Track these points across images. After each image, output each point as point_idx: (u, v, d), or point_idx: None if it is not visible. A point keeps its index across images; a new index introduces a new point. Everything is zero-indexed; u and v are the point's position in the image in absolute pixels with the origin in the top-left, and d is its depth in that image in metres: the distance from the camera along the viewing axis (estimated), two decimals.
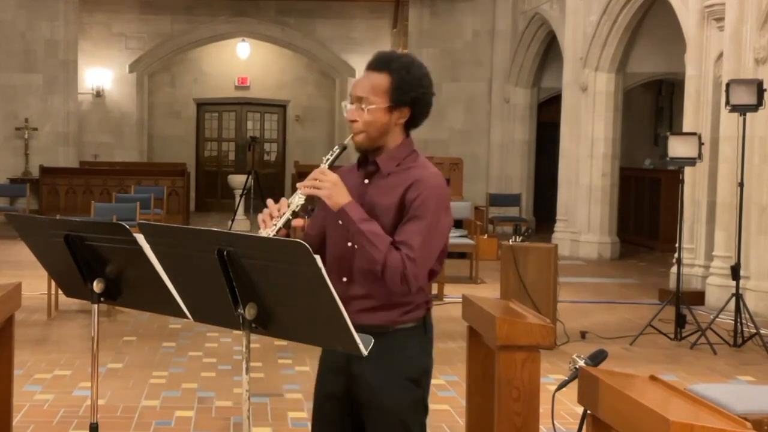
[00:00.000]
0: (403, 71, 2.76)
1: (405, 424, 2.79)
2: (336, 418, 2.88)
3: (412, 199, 2.72)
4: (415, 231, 2.70)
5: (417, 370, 2.83)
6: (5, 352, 4.16)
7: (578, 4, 13.71)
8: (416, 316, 2.82)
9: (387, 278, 2.68)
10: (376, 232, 2.68)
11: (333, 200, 2.69)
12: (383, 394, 2.77)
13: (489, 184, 17.36)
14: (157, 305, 2.81)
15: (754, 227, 8.99)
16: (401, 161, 2.81)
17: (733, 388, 4.55)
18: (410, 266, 2.66)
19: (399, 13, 19.09)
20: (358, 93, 2.77)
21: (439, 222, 2.76)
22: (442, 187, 2.79)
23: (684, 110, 10.73)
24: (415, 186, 2.73)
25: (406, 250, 2.67)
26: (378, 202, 2.76)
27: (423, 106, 2.82)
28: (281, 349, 6.96)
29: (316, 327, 2.43)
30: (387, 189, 2.77)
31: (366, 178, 2.83)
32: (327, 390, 2.89)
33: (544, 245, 7.68)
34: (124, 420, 5.29)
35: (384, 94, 2.75)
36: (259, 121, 21.87)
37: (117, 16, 19.47)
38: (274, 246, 2.35)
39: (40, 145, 17.56)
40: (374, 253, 2.66)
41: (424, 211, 2.71)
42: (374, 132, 2.77)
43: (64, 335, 7.55)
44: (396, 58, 2.78)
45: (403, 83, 2.75)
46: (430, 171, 2.79)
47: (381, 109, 2.75)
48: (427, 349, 2.87)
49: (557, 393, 3.35)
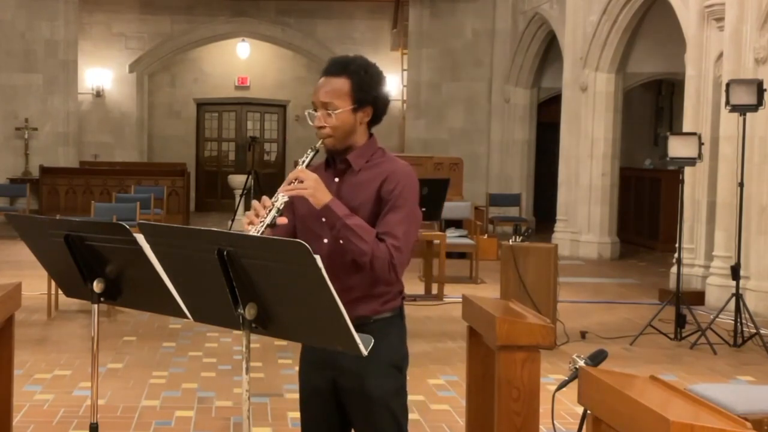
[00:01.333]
0: (362, 71, 2.88)
1: (392, 410, 2.90)
2: (324, 412, 2.97)
3: (390, 190, 2.85)
4: (397, 221, 2.83)
5: (399, 357, 2.96)
6: (5, 352, 4.16)
7: (578, 4, 13.71)
8: (394, 306, 2.94)
9: (376, 268, 2.79)
10: (362, 225, 2.79)
11: (317, 198, 2.78)
12: (369, 382, 2.86)
13: (489, 184, 17.36)
14: (157, 305, 2.81)
15: (754, 227, 8.99)
16: (370, 158, 2.93)
17: (733, 388, 4.55)
18: (396, 255, 2.80)
19: (399, 13, 19.09)
20: (322, 99, 2.88)
21: (415, 210, 2.91)
22: (414, 178, 2.94)
23: (684, 110, 10.73)
24: (390, 178, 2.87)
25: (391, 239, 2.80)
26: (353, 198, 2.87)
27: (383, 103, 2.94)
28: (281, 349, 6.96)
29: (316, 327, 2.44)
30: (360, 184, 2.89)
31: (336, 177, 2.93)
32: (312, 385, 2.98)
33: (544, 245, 7.68)
34: (124, 420, 5.30)
35: (347, 97, 2.86)
36: (259, 121, 21.88)
37: (117, 16, 19.47)
38: (274, 246, 2.35)
39: (40, 145, 17.56)
40: (362, 245, 2.77)
41: (402, 201, 2.85)
42: (342, 134, 2.88)
43: (64, 335, 7.55)
44: (351, 61, 2.91)
45: (362, 83, 2.87)
46: (401, 164, 2.94)
47: (346, 111, 2.87)
48: (404, 337, 3.01)
49: (557, 393, 3.35)
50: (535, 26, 16.28)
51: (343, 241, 2.78)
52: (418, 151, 16.55)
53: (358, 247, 2.77)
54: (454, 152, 16.38)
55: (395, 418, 2.91)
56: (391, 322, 2.93)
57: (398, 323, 2.96)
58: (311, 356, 2.97)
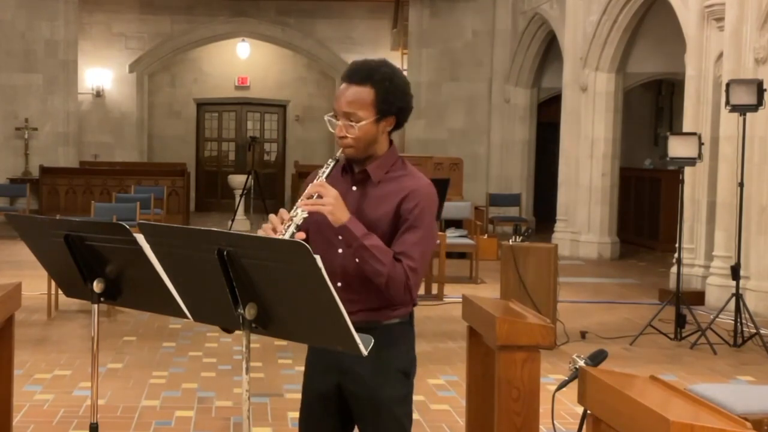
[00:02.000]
0: (387, 82, 2.78)
1: (398, 416, 2.88)
2: (326, 417, 2.95)
3: (410, 209, 2.79)
4: (414, 241, 2.77)
5: (407, 363, 2.93)
6: (5, 352, 4.16)
7: (578, 4, 13.71)
8: (405, 312, 2.91)
9: (391, 289, 2.75)
10: (379, 246, 2.74)
11: (335, 216, 2.72)
12: (377, 387, 2.84)
13: (489, 184, 17.36)
14: (157, 305, 2.81)
15: (754, 227, 8.99)
16: (389, 169, 2.86)
17: (733, 388, 4.55)
18: (412, 276, 2.76)
19: (399, 13, 19.09)
20: (345, 109, 2.78)
21: (432, 230, 2.86)
22: (434, 197, 2.87)
23: (684, 110, 10.73)
24: (411, 196, 2.80)
25: (408, 261, 2.75)
26: (372, 211, 2.82)
27: (407, 112, 2.88)
28: (281, 349, 6.96)
29: (316, 327, 2.43)
30: (379, 198, 2.83)
31: (354, 185, 2.87)
32: (316, 390, 2.95)
33: (544, 245, 7.68)
34: (124, 420, 5.29)
35: (370, 107, 2.77)
36: (259, 121, 21.87)
37: (117, 16, 19.47)
38: (274, 246, 2.35)
39: (40, 145, 17.56)
40: (378, 266, 2.72)
41: (421, 222, 2.79)
42: (364, 145, 2.81)
43: (64, 335, 7.55)
44: (376, 69, 2.79)
45: (388, 94, 2.78)
46: (423, 181, 2.86)
47: (369, 123, 2.78)
48: (413, 343, 2.99)
49: (557, 393, 3.35)
50: (535, 26, 16.28)
51: (360, 261, 2.74)
52: (418, 151, 16.54)
53: (374, 268, 2.72)
54: (454, 152, 16.38)
55: (401, 424, 2.88)
56: (401, 328, 2.90)
57: (408, 329, 2.93)
58: (318, 360, 2.95)
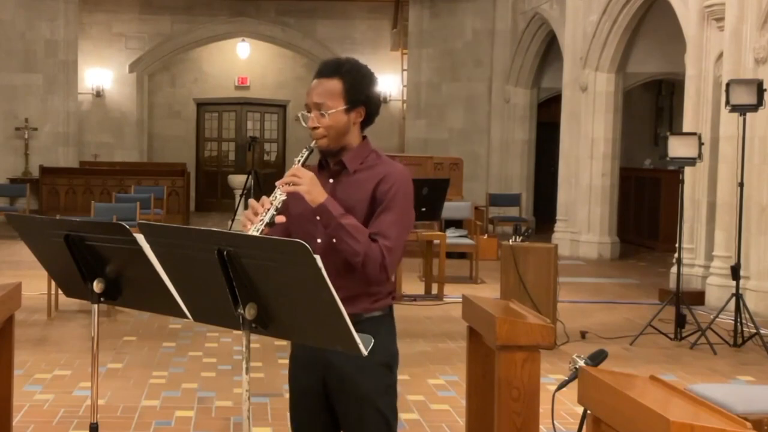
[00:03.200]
0: (354, 72, 2.91)
1: (380, 409, 2.90)
2: (314, 412, 2.97)
3: (385, 191, 2.87)
4: (390, 221, 2.85)
5: (389, 356, 2.95)
6: (5, 352, 4.16)
7: (578, 4, 13.72)
8: (384, 305, 2.95)
9: (367, 268, 2.81)
10: (356, 225, 2.81)
11: (312, 196, 2.79)
12: (358, 381, 2.87)
13: (489, 184, 17.36)
14: (157, 305, 2.81)
15: (754, 227, 8.99)
16: (364, 159, 2.95)
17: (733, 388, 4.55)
18: (388, 256, 2.82)
19: (399, 13, 19.10)
20: (315, 100, 2.92)
21: (409, 212, 2.92)
22: (410, 181, 2.96)
23: (684, 110, 10.73)
24: (386, 179, 2.89)
25: (383, 240, 2.82)
26: (348, 197, 2.89)
27: (375, 103, 2.97)
28: (281, 349, 6.96)
29: (316, 327, 2.44)
30: (356, 185, 2.91)
31: (330, 178, 2.95)
32: (302, 385, 2.98)
33: (544, 245, 7.68)
34: (124, 420, 5.29)
35: (339, 97, 2.89)
36: (259, 121, 21.87)
37: (117, 16, 19.48)
38: (274, 246, 2.35)
39: (40, 145, 17.56)
40: (355, 245, 2.79)
41: (396, 203, 2.87)
42: (335, 134, 2.90)
43: (64, 335, 7.55)
44: (344, 63, 2.94)
45: (355, 83, 2.90)
46: (397, 166, 2.96)
47: (339, 111, 2.89)
48: (394, 335, 3.02)
49: (557, 393, 3.35)
50: (535, 26, 16.28)
51: (336, 240, 2.80)
52: (418, 151, 16.55)
53: (351, 247, 2.78)
54: (454, 152, 16.38)
55: (384, 417, 2.91)
56: (381, 321, 2.93)
57: (388, 322, 2.97)
58: (300, 356, 2.99)
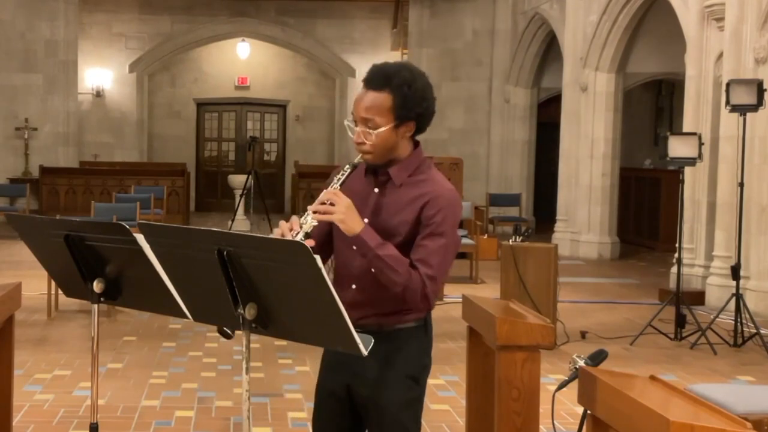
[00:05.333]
0: (405, 87, 2.71)
1: (402, 422, 2.83)
2: (336, 417, 2.92)
3: (431, 215, 2.72)
4: (434, 249, 2.71)
5: (417, 368, 2.86)
6: (5, 352, 4.16)
7: (578, 4, 13.71)
8: (418, 317, 2.84)
9: (407, 298, 2.70)
10: (395, 255, 2.68)
11: (347, 225, 2.66)
12: (384, 391, 2.80)
13: (489, 184, 17.36)
14: (157, 305, 2.81)
15: (754, 227, 8.99)
16: (413, 171, 2.80)
17: (733, 388, 4.54)
18: (430, 285, 2.69)
19: (399, 13, 19.09)
20: (363, 114, 2.73)
21: (454, 239, 2.77)
22: (458, 204, 2.80)
23: (684, 110, 10.73)
24: (433, 203, 2.73)
25: (425, 269, 2.69)
26: (391, 216, 2.77)
27: (428, 116, 2.80)
28: (281, 349, 6.96)
29: (316, 327, 2.43)
30: (400, 203, 2.77)
31: (376, 187, 2.82)
32: (328, 388, 2.92)
33: (544, 245, 7.68)
34: (124, 420, 5.29)
35: (389, 114, 2.72)
36: (259, 121, 21.87)
37: (117, 16, 19.47)
38: (274, 246, 2.35)
39: (40, 145, 17.56)
40: (395, 277, 2.67)
41: (443, 229, 2.72)
42: (382, 151, 2.76)
43: (64, 335, 7.55)
44: (395, 73, 2.72)
45: (406, 100, 2.71)
46: (446, 187, 2.79)
47: (387, 129, 2.73)
48: (427, 348, 2.91)
49: (557, 393, 3.35)
50: (535, 26, 16.28)
51: (375, 270, 2.69)
52: None
53: (390, 278, 2.67)
54: (454, 152, 16.37)
55: (405, 429, 2.84)
56: (413, 333, 2.84)
57: (420, 335, 2.86)
58: (330, 359, 2.93)
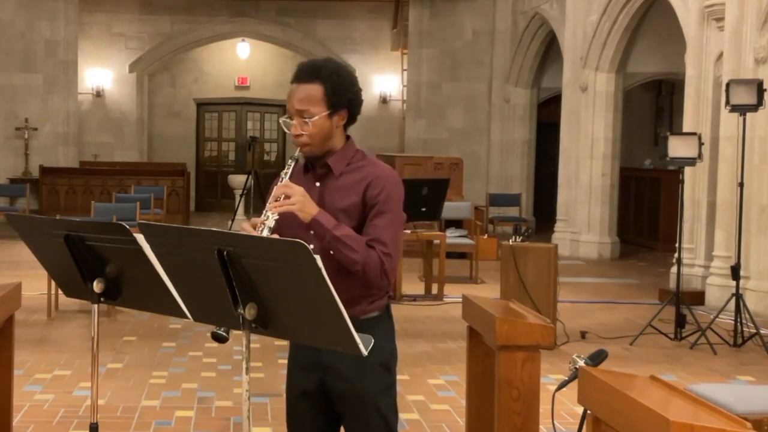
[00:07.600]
0: (334, 76, 2.86)
1: (380, 409, 2.90)
2: (311, 416, 2.97)
3: (376, 194, 2.85)
4: (385, 226, 2.84)
5: (387, 356, 2.94)
6: (5, 352, 4.16)
7: (578, 4, 13.72)
8: (381, 305, 2.94)
9: (368, 275, 2.80)
10: (351, 235, 2.80)
11: (305, 211, 2.78)
12: (358, 382, 2.87)
13: (489, 184, 17.36)
14: (157, 305, 2.81)
15: (754, 227, 8.99)
16: (350, 161, 2.92)
17: (733, 388, 4.55)
18: (387, 261, 2.82)
19: (399, 13, 19.09)
20: (297, 106, 2.86)
21: (400, 214, 2.92)
22: (399, 182, 2.94)
23: (684, 110, 10.73)
24: (375, 183, 2.86)
25: (381, 246, 2.81)
26: (337, 202, 2.87)
27: (357, 104, 2.94)
28: (281, 349, 6.95)
29: (316, 327, 2.44)
30: (343, 189, 2.89)
31: (317, 181, 2.92)
32: (300, 387, 2.97)
33: (544, 245, 7.68)
34: (124, 420, 5.30)
35: (321, 103, 2.84)
36: (259, 121, 21.88)
37: (117, 16, 19.47)
38: (274, 246, 2.35)
39: (40, 145, 17.56)
40: (353, 255, 2.78)
41: (389, 206, 2.86)
42: (320, 140, 2.87)
43: (64, 335, 7.55)
44: (323, 65, 2.88)
45: (336, 88, 2.85)
46: (384, 168, 2.93)
47: (322, 117, 2.84)
48: (392, 335, 3.00)
49: (557, 393, 3.35)
50: (535, 26, 16.28)
51: (334, 252, 2.78)
52: (418, 151, 16.55)
53: (348, 257, 2.78)
54: (454, 152, 16.38)
55: (383, 417, 2.91)
56: (379, 321, 2.92)
57: (386, 321, 2.96)
58: (299, 357, 2.97)
